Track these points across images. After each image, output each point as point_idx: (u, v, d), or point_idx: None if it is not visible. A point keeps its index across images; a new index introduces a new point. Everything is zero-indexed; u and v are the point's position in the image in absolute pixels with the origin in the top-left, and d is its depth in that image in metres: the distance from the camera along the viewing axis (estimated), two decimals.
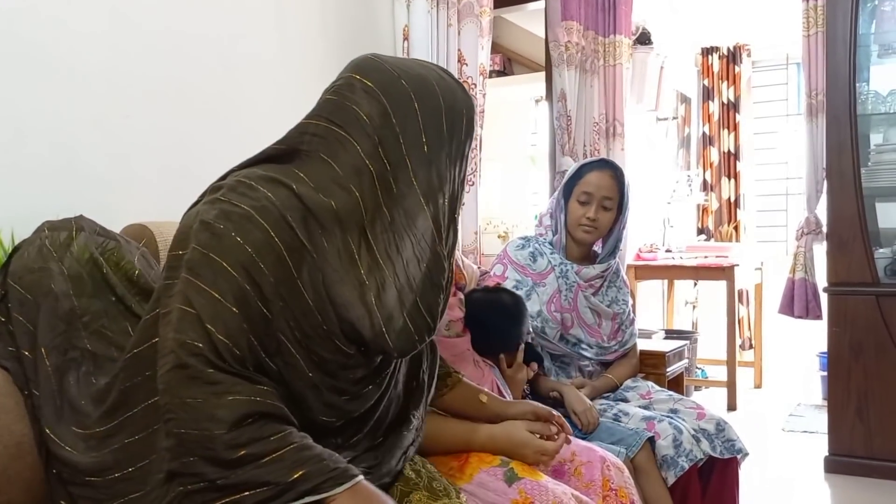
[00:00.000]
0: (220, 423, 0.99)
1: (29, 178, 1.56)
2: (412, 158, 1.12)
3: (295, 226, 1.07)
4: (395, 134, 1.12)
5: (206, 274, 1.03)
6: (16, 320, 1.24)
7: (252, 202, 1.06)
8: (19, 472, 1.16)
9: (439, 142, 1.15)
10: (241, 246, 1.04)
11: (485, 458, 1.47)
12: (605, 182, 2.18)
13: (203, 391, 1.00)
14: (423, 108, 1.14)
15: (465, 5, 2.75)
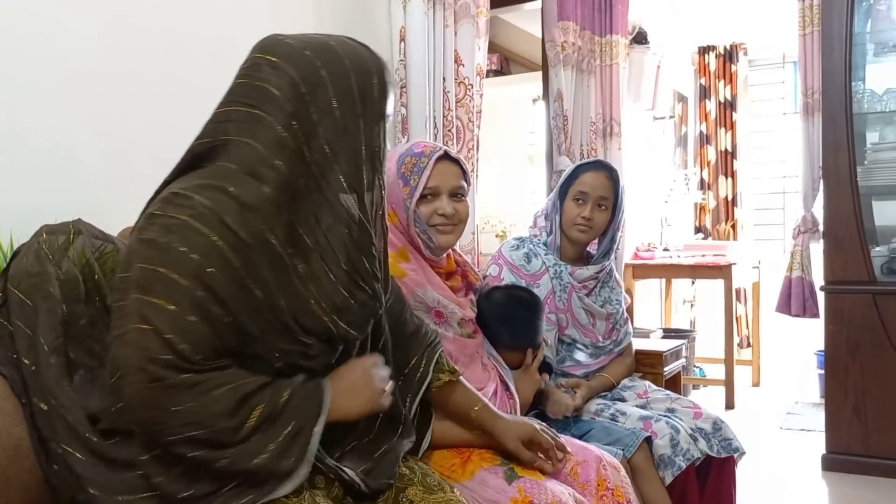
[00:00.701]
0: (222, 416, 1.05)
1: (27, 179, 1.56)
2: (325, 126, 1.14)
3: (235, 227, 1.09)
4: (307, 104, 1.14)
5: (158, 289, 1.05)
6: (15, 325, 1.24)
7: (190, 211, 1.08)
8: (17, 474, 1.16)
9: (351, 105, 1.16)
10: (186, 255, 1.05)
11: (486, 457, 1.50)
12: (600, 182, 2.19)
13: (188, 395, 1.04)
14: (331, 75, 1.15)
15: (461, 6, 2.75)
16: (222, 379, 1.08)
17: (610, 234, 2.26)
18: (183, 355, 1.04)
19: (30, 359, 1.22)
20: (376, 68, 1.20)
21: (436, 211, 1.68)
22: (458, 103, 2.77)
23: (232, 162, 1.13)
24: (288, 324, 1.14)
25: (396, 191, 1.67)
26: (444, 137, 2.72)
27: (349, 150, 1.16)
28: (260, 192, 1.11)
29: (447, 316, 1.69)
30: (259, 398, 1.09)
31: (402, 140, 2.66)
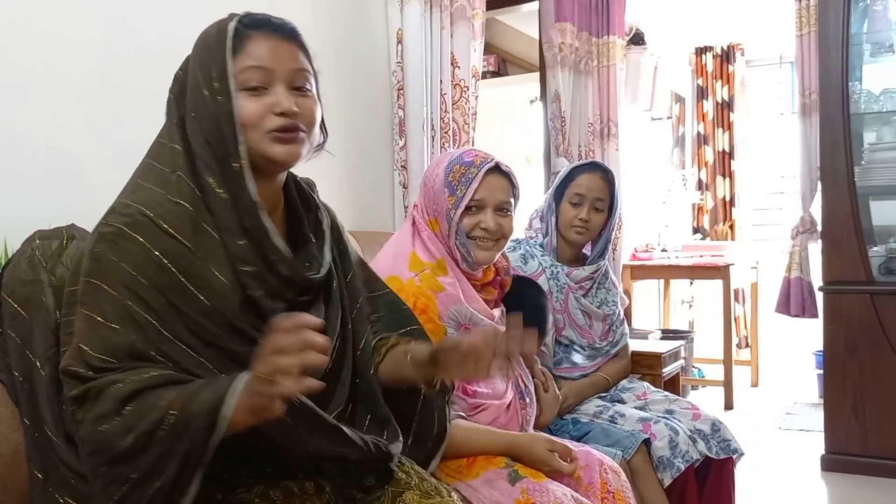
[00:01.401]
0: (105, 418, 0.98)
1: (23, 185, 1.56)
2: (193, 94, 1.15)
3: (172, 230, 1.08)
4: (183, 82, 1.17)
5: (90, 301, 1.05)
6: (7, 335, 1.23)
7: (125, 219, 1.08)
8: (15, 480, 1.16)
9: (205, 69, 1.14)
10: (117, 265, 1.05)
11: (491, 459, 1.51)
12: (596, 184, 2.21)
13: (86, 406, 1.00)
14: (195, 51, 1.18)
15: (457, 8, 2.76)
16: (119, 379, 1.00)
17: (605, 235, 2.27)
18: (91, 365, 1.01)
19: (19, 371, 1.21)
20: (218, 22, 1.20)
21: (478, 224, 1.63)
22: (455, 105, 2.77)
23: (159, 163, 1.15)
24: (240, 326, 1.11)
25: (442, 199, 1.63)
26: (441, 139, 2.72)
27: (212, 118, 1.12)
28: (184, 183, 1.12)
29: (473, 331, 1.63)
30: (151, 398, 0.99)
31: (398, 142, 2.66)
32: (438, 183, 1.64)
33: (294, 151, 1.16)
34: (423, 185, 1.72)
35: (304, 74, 1.19)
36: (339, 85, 2.51)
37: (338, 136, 2.52)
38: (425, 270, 1.61)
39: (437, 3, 2.67)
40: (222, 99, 1.12)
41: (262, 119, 1.13)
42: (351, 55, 2.57)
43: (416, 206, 1.74)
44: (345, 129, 2.54)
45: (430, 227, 1.67)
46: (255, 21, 1.18)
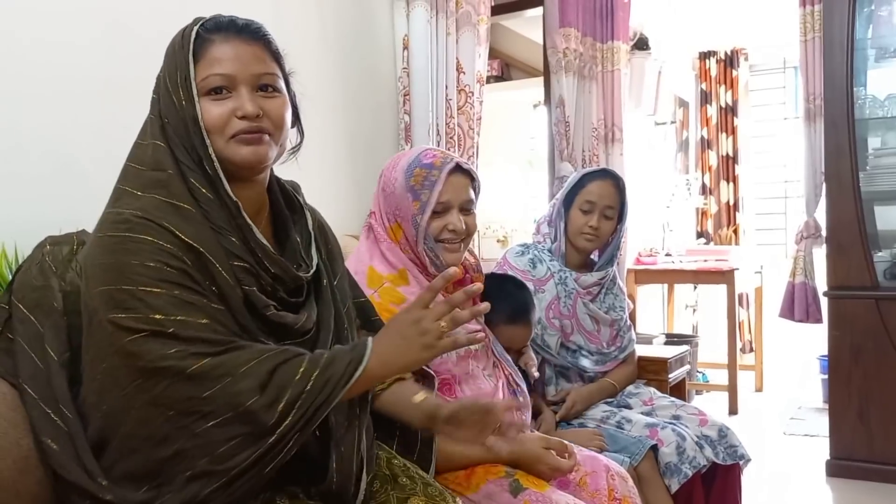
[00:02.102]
0: (249, 392, 1.02)
1: (31, 190, 1.56)
2: (165, 110, 1.16)
3: (173, 228, 1.09)
4: (159, 96, 1.19)
5: (136, 305, 1.04)
6: (17, 342, 1.22)
7: (124, 226, 1.08)
8: (27, 486, 1.16)
9: (172, 75, 1.17)
10: (142, 266, 1.05)
11: (490, 469, 1.48)
12: (607, 191, 2.21)
13: (213, 379, 1.03)
14: (165, 56, 1.20)
15: (462, 14, 2.76)
16: (244, 357, 1.05)
17: (614, 242, 2.28)
18: (192, 343, 1.04)
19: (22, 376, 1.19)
20: (183, 29, 1.21)
21: (446, 227, 1.59)
22: (460, 110, 2.78)
23: (143, 165, 1.16)
24: (245, 325, 1.13)
25: (405, 205, 1.57)
26: (447, 144, 2.73)
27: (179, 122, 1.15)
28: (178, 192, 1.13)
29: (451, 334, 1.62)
30: (285, 374, 1.05)
31: (404, 147, 2.67)
32: (399, 188, 1.58)
33: (260, 152, 1.16)
34: (382, 191, 1.64)
35: (269, 76, 1.18)
36: (345, 90, 2.52)
37: (344, 141, 2.53)
38: (384, 284, 1.57)
39: (442, 8, 2.68)
40: (187, 105, 1.13)
41: (226, 124, 1.14)
42: (357, 61, 2.58)
43: (372, 214, 1.67)
44: (351, 134, 2.55)
45: (391, 236, 1.61)
46: (218, 24, 1.18)
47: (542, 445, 1.52)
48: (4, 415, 1.17)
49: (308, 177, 1.43)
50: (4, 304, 1.26)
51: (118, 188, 1.16)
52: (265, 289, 1.17)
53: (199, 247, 1.10)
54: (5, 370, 1.22)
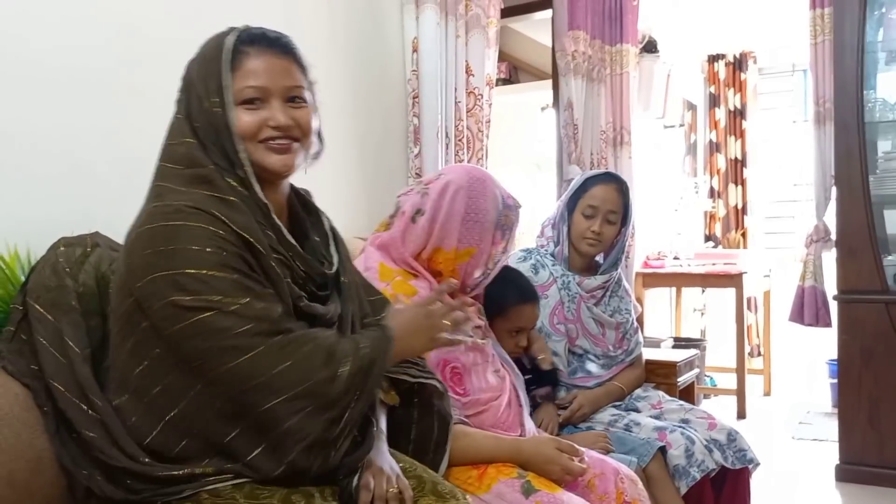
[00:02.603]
0: (318, 369, 1.12)
1: (44, 192, 1.57)
2: (196, 103, 1.22)
3: (224, 218, 1.14)
4: (188, 97, 1.24)
5: (199, 288, 1.09)
6: (35, 340, 1.24)
7: (178, 215, 1.13)
8: (40, 486, 1.17)
9: (205, 85, 1.22)
10: (202, 251, 1.10)
11: (502, 470, 1.49)
12: (610, 196, 2.21)
13: (283, 356, 1.10)
14: (197, 61, 1.25)
15: (472, 17, 2.77)
16: (307, 336, 1.14)
17: (619, 245, 2.27)
18: (257, 321, 1.10)
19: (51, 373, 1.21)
20: (217, 34, 1.27)
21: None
22: (469, 113, 2.78)
23: (179, 164, 1.21)
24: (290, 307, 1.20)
25: (487, 238, 1.64)
26: (455, 147, 2.73)
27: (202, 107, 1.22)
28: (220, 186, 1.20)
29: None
30: (343, 350, 1.15)
31: (413, 149, 2.67)
32: (489, 222, 1.63)
33: (289, 161, 1.25)
34: (464, 216, 1.63)
35: (298, 88, 1.26)
36: (354, 93, 2.52)
37: (353, 143, 2.53)
38: (396, 278, 1.61)
39: (452, 11, 2.68)
40: (220, 112, 1.20)
41: (258, 131, 1.22)
42: (366, 64, 2.58)
43: (401, 239, 1.66)
44: (360, 136, 2.55)
45: (422, 260, 1.64)
46: (252, 36, 1.25)
47: (555, 447, 1.52)
48: (18, 416, 1.18)
49: (317, 179, 1.43)
50: (19, 304, 1.27)
51: (158, 185, 1.20)
52: (297, 281, 1.24)
53: (249, 236, 1.15)
54: (18, 371, 1.23)
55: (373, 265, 1.64)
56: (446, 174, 1.68)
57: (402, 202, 1.70)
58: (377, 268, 1.63)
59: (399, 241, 1.64)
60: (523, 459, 1.51)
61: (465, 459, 1.49)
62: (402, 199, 1.71)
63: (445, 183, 1.64)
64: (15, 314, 1.27)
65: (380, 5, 2.65)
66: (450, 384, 1.55)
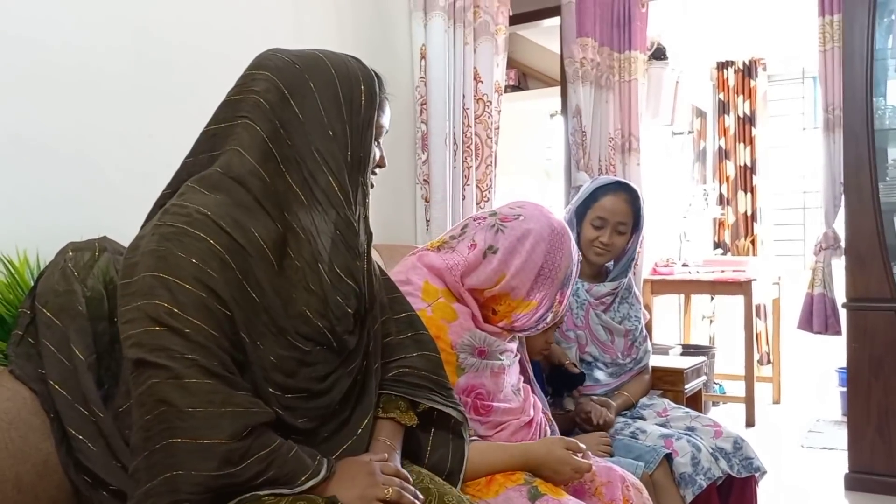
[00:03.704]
0: (222, 432, 1.04)
1: (54, 197, 1.58)
2: (313, 133, 1.21)
3: (229, 229, 1.12)
4: (295, 113, 1.21)
5: (163, 294, 1.06)
6: (42, 345, 1.25)
7: (185, 218, 1.12)
8: (46, 490, 1.17)
9: (338, 112, 1.22)
10: (186, 260, 1.08)
11: (510, 476, 1.48)
12: (619, 207, 2.19)
13: (203, 401, 1.04)
14: (318, 83, 1.23)
15: (480, 24, 2.78)
16: (237, 399, 1.07)
17: (628, 254, 2.26)
18: (209, 355, 1.06)
19: (56, 379, 1.22)
20: (364, 77, 1.28)
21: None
22: (477, 119, 2.79)
23: (222, 169, 1.18)
24: (284, 327, 1.16)
25: (551, 294, 1.60)
26: (463, 153, 2.74)
27: (336, 155, 1.22)
28: (248, 199, 1.16)
29: (489, 353, 1.59)
30: (266, 440, 1.09)
31: (421, 156, 2.68)
32: (559, 280, 1.60)
33: None
34: (540, 271, 1.58)
35: None
36: None
37: None
38: (439, 299, 1.57)
39: (460, 18, 2.69)
40: (365, 145, 1.26)
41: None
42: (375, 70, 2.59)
43: (465, 270, 1.59)
44: None
45: (480, 294, 1.59)
46: (382, 86, 1.35)
47: (564, 447, 1.53)
48: (25, 419, 1.19)
49: None
50: (27, 309, 1.28)
51: (187, 185, 1.20)
52: None
53: (251, 252, 1.13)
54: (26, 375, 1.23)
55: (416, 281, 1.59)
56: (527, 218, 1.61)
57: (472, 230, 1.63)
58: (421, 284, 1.59)
59: (462, 270, 1.58)
60: (535, 463, 1.50)
61: (477, 473, 1.48)
62: (473, 226, 1.64)
63: (526, 230, 1.58)
64: (23, 318, 1.27)
65: (388, 12, 2.66)
66: (474, 405, 1.55)
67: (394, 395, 1.36)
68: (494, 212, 1.66)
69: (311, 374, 1.20)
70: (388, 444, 1.31)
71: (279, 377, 1.16)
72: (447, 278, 1.58)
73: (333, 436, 1.24)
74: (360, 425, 1.27)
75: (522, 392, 1.68)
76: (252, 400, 1.09)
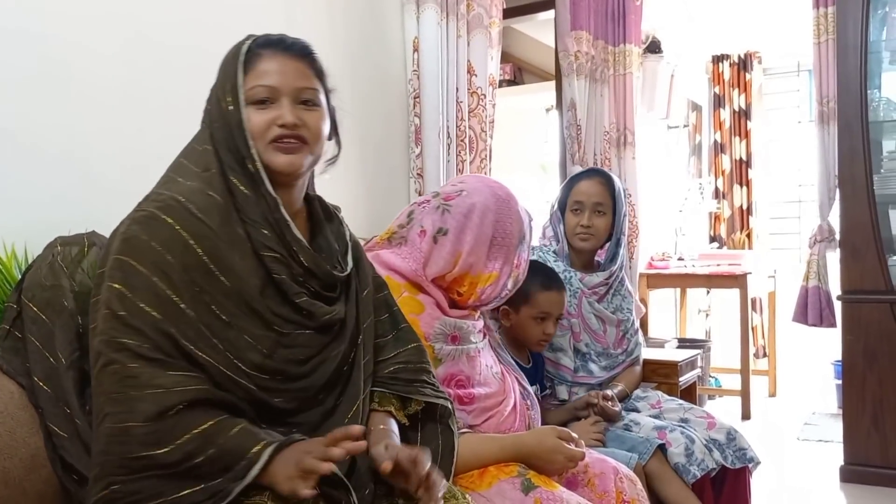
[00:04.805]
0: (138, 415, 1.04)
1: (43, 192, 1.57)
2: (214, 106, 1.25)
3: (201, 215, 1.15)
4: (211, 97, 1.27)
5: (117, 276, 1.10)
6: (28, 339, 1.24)
7: (157, 203, 1.15)
8: (34, 484, 1.17)
9: (222, 84, 1.24)
10: (147, 243, 1.11)
11: (503, 468, 1.49)
12: (594, 189, 2.23)
13: (125, 385, 1.05)
14: (219, 68, 1.28)
15: (474, 17, 2.77)
16: (160, 381, 1.06)
17: (614, 239, 2.27)
18: (143, 341, 1.07)
19: (39, 375, 1.22)
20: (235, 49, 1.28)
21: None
22: (472, 113, 2.78)
23: (191, 162, 1.23)
24: (258, 309, 1.17)
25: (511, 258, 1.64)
26: (458, 147, 2.73)
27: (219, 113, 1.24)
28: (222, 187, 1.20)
29: (461, 338, 1.61)
30: (196, 419, 1.06)
31: (415, 150, 2.67)
32: (514, 245, 1.64)
33: (296, 161, 1.24)
34: (477, 240, 1.60)
35: (310, 91, 1.27)
36: (355, 93, 2.52)
37: (354, 144, 2.53)
38: (403, 294, 1.57)
39: (453, 11, 2.68)
40: (233, 110, 1.22)
41: (266, 130, 1.22)
42: (367, 64, 2.58)
43: (422, 234, 1.61)
44: (361, 137, 2.55)
45: (443, 281, 1.61)
46: (269, 41, 1.28)
47: (556, 436, 1.53)
48: (13, 414, 1.19)
49: (317, 180, 1.43)
50: (14, 303, 1.28)
51: (168, 175, 1.24)
52: (297, 278, 1.22)
53: (222, 236, 1.15)
54: (14, 369, 1.23)
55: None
56: (469, 192, 1.61)
57: (419, 217, 1.63)
58: None
59: (420, 265, 1.59)
60: (526, 453, 1.51)
61: (469, 466, 1.48)
62: (419, 212, 1.64)
63: (471, 205, 1.59)
64: (10, 312, 1.27)
65: (380, 5, 2.65)
66: (457, 395, 1.55)
67: (388, 392, 1.36)
68: (437, 192, 1.67)
69: (290, 357, 1.20)
70: (388, 430, 1.30)
71: (256, 357, 1.16)
72: (407, 273, 1.59)
73: (319, 426, 1.23)
74: (346, 416, 1.26)
75: (501, 374, 1.69)
76: (180, 380, 1.07)
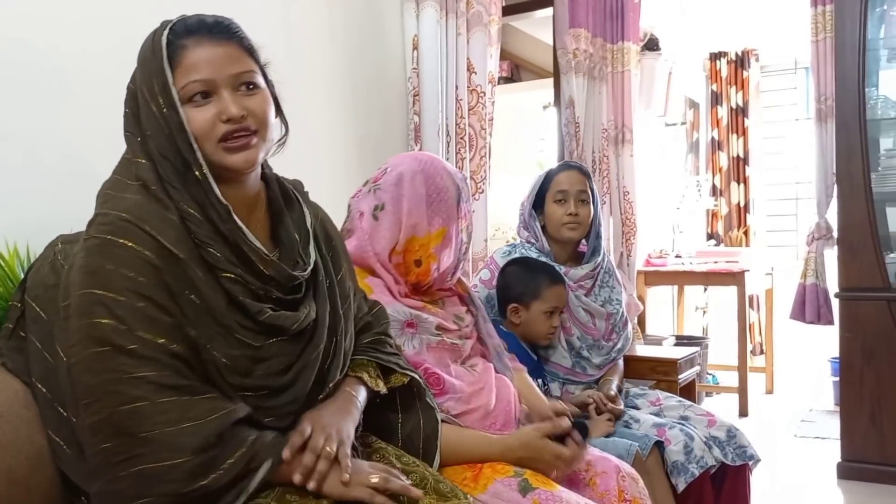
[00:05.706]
0: (183, 451, 1.01)
1: (44, 191, 1.57)
2: (143, 111, 1.16)
3: (154, 233, 1.08)
4: (136, 97, 1.19)
5: (100, 311, 1.03)
6: (29, 340, 1.23)
7: (108, 227, 1.07)
8: (39, 483, 1.17)
9: (149, 85, 1.15)
10: (115, 272, 1.04)
11: (498, 469, 1.47)
12: (575, 178, 2.27)
13: (157, 422, 1.01)
14: (137, 65, 1.19)
15: (473, 14, 2.77)
16: (196, 411, 1.04)
17: (594, 230, 2.29)
18: (162, 370, 1.03)
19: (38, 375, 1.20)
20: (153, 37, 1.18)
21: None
22: (471, 111, 2.78)
23: (127, 178, 1.15)
24: (228, 325, 1.12)
25: (453, 214, 1.65)
26: (457, 145, 2.73)
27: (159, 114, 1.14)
28: (160, 194, 1.12)
29: (418, 326, 1.59)
30: (239, 440, 1.06)
31: (414, 147, 2.67)
32: (451, 198, 1.64)
33: (251, 156, 1.16)
34: (414, 201, 1.61)
35: (247, 74, 1.17)
36: (354, 91, 2.52)
37: (353, 141, 2.53)
38: None
39: (452, 9, 2.68)
40: (169, 112, 1.12)
41: (211, 128, 1.13)
42: (366, 61, 2.58)
43: (361, 216, 1.63)
44: (360, 134, 2.55)
45: (397, 254, 1.61)
46: (189, 27, 1.16)
47: (539, 437, 1.52)
48: (17, 412, 1.18)
49: (317, 177, 1.43)
50: (17, 302, 1.27)
51: (105, 193, 1.15)
52: (257, 294, 1.16)
53: (180, 254, 1.09)
54: (18, 368, 1.23)
55: None
56: (394, 167, 1.65)
57: (355, 206, 1.66)
58: None
59: (367, 244, 1.60)
60: (513, 456, 1.49)
61: (456, 457, 1.47)
62: (354, 202, 1.67)
63: (399, 174, 1.62)
64: (13, 311, 1.26)
65: (379, 3, 2.65)
66: (430, 384, 1.53)
67: (365, 359, 1.35)
68: (366, 181, 1.69)
69: (268, 371, 1.16)
70: (351, 394, 1.27)
71: (235, 378, 1.12)
72: (353, 254, 1.58)
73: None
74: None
75: (481, 369, 1.67)
76: (214, 405, 1.06)
